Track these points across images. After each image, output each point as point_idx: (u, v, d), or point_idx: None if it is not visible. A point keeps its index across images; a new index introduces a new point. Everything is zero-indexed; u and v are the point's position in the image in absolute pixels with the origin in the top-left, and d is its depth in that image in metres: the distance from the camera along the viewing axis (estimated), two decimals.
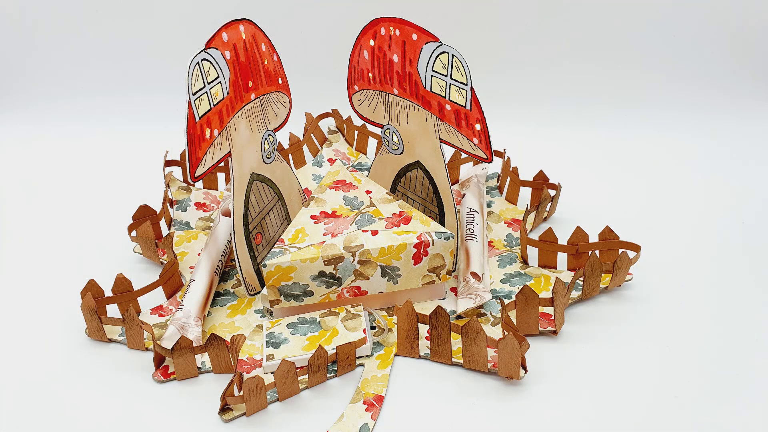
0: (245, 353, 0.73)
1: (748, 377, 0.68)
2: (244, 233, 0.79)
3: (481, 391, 0.68)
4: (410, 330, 0.71)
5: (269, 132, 0.83)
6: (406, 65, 0.78)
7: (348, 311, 0.75)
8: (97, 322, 0.74)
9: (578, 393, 0.67)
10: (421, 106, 0.78)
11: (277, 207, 0.85)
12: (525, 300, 0.71)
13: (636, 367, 0.70)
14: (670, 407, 0.65)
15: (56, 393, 0.69)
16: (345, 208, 0.81)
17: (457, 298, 0.78)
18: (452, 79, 0.74)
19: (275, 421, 0.66)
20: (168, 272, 0.80)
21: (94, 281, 0.75)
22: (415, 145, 0.82)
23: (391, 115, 0.83)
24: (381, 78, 0.81)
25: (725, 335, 0.74)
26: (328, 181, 0.86)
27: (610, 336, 0.74)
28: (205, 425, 0.65)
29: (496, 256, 0.86)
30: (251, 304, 0.80)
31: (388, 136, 0.85)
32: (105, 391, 0.69)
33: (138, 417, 0.66)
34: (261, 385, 0.65)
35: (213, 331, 0.76)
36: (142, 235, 0.84)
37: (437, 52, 0.74)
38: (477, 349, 0.68)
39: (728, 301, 0.78)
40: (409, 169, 0.85)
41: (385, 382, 0.69)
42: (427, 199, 0.84)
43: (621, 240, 0.81)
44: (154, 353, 0.70)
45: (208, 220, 0.93)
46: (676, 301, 0.78)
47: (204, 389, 0.69)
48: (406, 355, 0.72)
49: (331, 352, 0.70)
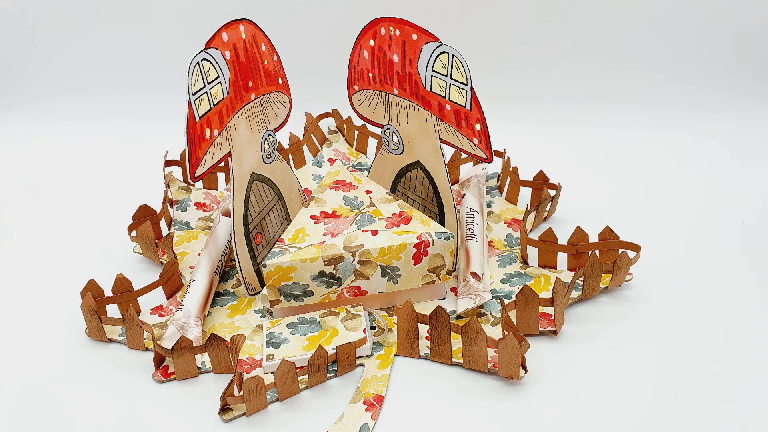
0: (245, 353, 0.73)
1: (748, 377, 0.68)
2: (244, 233, 0.79)
3: (481, 391, 0.68)
4: (410, 330, 0.71)
5: (269, 132, 0.83)
6: (406, 65, 0.78)
7: (348, 311, 0.75)
8: (97, 322, 0.74)
9: (578, 393, 0.67)
10: (421, 106, 0.78)
11: (277, 207, 0.85)
12: (525, 300, 0.71)
13: (636, 367, 0.70)
14: (670, 407, 0.65)
15: (56, 393, 0.69)
16: (345, 208, 0.81)
17: (457, 298, 0.78)
18: (452, 79, 0.74)
19: (275, 421, 0.66)
20: (168, 272, 0.80)
21: (94, 281, 0.75)
22: (415, 145, 0.82)
23: (391, 115, 0.83)
24: (381, 78, 0.81)
25: (725, 335, 0.74)
26: (328, 181, 0.85)
27: (610, 336, 0.74)
28: (205, 425, 0.65)
29: (496, 256, 0.86)
30: (251, 304, 0.80)
31: (388, 136, 0.85)
32: (105, 391, 0.69)
33: (138, 417, 0.66)
34: (261, 385, 0.65)
35: (213, 331, 0.76)
36: (142, 235, 0.84)
37: (437, 52, 0.74)
38: (477, 349, 0.68)
39: (728, 301, 0.78)
40: (409, 169, 0.85)
41: (385, 382, 0.69)
42: (427, 199, 0.84)
43: (621, 240, 0.81)
44: (154, 353, 0.70)
45: (208, 220, 0.93)
46: (676, 301, 0.78)
47: (204, 389, 0.69)
48: (406, 355, 0.72)
49: (331, 352, 0.70)
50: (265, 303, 0.77)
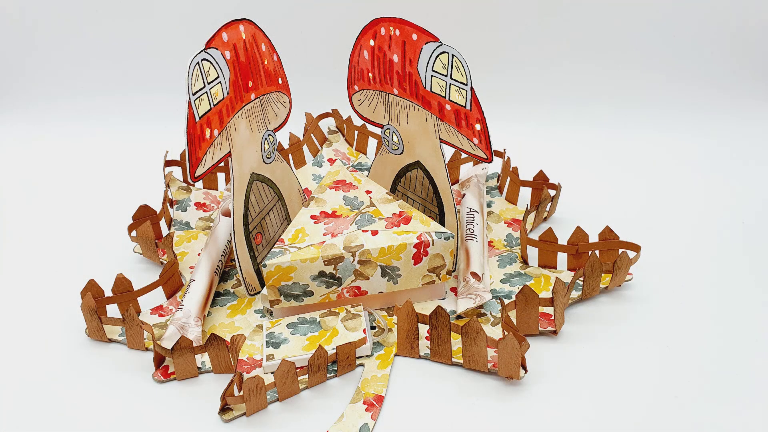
0: (245, 353, 0.73)
1: (748, 377, 0.68)
2: (244, 233, 0.79)
3: (481, 391, 0.68)
4: (410, 330, 0.71)
5: (269, 132, 0.83)
6: (406, 65, 0.78)
7: (348, 311, 0.75)
8: (97, 322, 0.74)
9: (578, 393, 0.67)
10: (421, 106, 0.78)
11: (277, 207, 0.85)
12: (525, 300, 0.71)
13: (636, 367, 0.70)
14: (670, 407, 0.65)
15: (56, 393, 0.69)
16: (345, 208, 0.81)
17: (457, 298, 0.78)
18: (452, 79, 0.74)
19: (275, 421, 0.66)
20: (168, 272, 0.80)
21: (94, 281, 0.75)
22: (415, 145, 0.82)
23: (391, 115, 0.83)
24: (381, 78, 0.81)
25: (725, 335, 0.74)
26: (328, 181, 0.85)
27: (610, 336, 0.74)
28: (205, 425, 0.65)
29: (496, 256, 0.86)
30: (251, 304, 0.80)
31: (388, 136, 0.85)
32: (105, 391, 0.69)
33: (138, 417, 0.66)
34: (261, 385, 0.65)
35: (213, 331, 0.76)
36: (142, 235, 0.84)
37: (437, 52, 0.74)
38: (477, 349, 0.68)
39: (728, 301, 0.78)
40: (409, 169, 0.85)
41: (385, 382, 0.69)
42: (427, 199, 0.84)
43: (621, 240, 0.81)
44: (154, 353, 0.70)
45: (208, 220, 0.93)
46: (676, 301, 0.78)
47: (204, 389, 0.69)
48: (406, 356, 0.72)
49: (331, 352, 0.70)
50: (265, 303, 0.77)
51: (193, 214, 0.94)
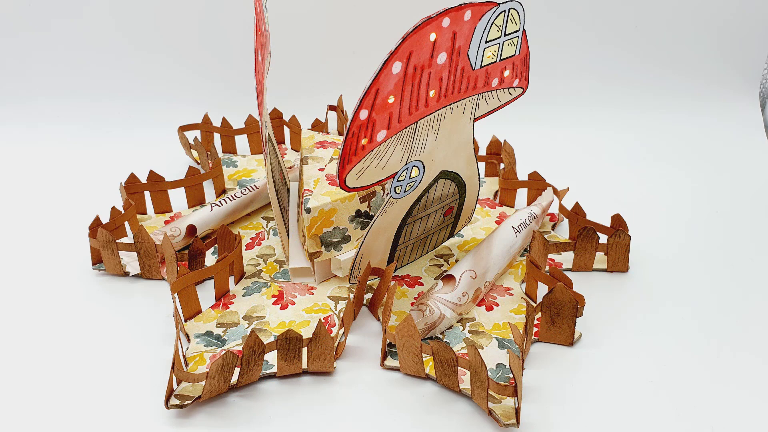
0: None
1: (748, 377, 0.68)
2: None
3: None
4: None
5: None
6: (455, 57, 0.64)
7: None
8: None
9: (578, 393, 0.67)
10: (461, 99, 0.68)
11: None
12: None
13: (636, 367, 0.70)
14: (670, 407, 0.65)
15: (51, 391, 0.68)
16: None
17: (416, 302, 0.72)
18: (506, 35, 0.66)
19: (274, 421, 0.65)
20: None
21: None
22: (436, 153, 0.70)
23: (411, 150, 0.67)
24: (413, 104, 0.64)
25: (725, 335, 0.74)
26: (310, 144, 0.82)
27: (609, 336, 0.74)
28: (194, 420, 0.64)
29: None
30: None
31: (402, 179, 0.70)
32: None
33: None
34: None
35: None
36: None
37: (492, 20, 0.64)
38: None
39: (728, 301, 0.79)
40: (418, 202, 0.74)
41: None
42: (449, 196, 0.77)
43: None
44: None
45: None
46: (676, 301, 0.79)
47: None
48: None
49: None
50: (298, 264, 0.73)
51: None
